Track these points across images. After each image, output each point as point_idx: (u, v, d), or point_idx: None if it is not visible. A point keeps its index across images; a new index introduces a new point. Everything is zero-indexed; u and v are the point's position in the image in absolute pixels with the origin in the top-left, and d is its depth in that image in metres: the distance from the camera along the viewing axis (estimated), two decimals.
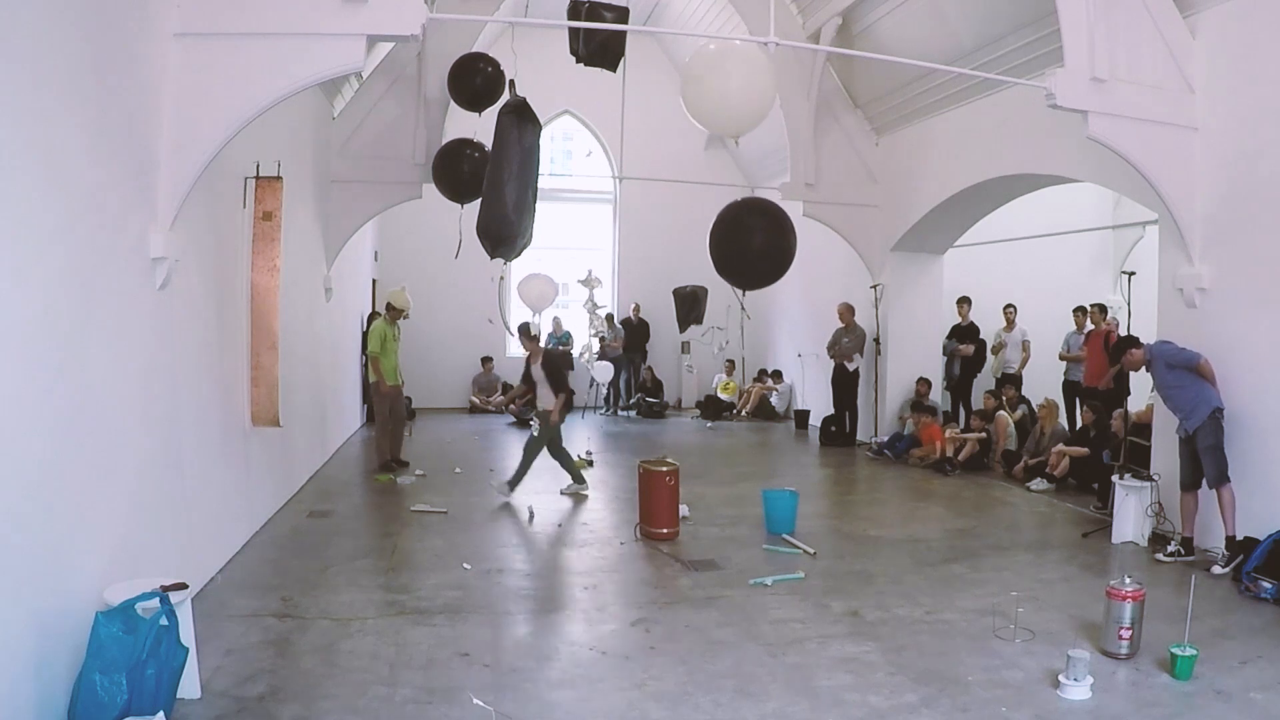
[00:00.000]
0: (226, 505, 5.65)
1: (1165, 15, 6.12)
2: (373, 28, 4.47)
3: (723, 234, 6.52)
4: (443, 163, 8.90)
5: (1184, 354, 5.93)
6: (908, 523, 7.16)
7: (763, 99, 5.63)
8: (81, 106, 3.56)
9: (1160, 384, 6.13)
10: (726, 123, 5.83)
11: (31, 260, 3.17)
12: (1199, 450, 5.82)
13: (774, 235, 6.41)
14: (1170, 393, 6.03)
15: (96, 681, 3.15)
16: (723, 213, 6.65)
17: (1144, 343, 6.25)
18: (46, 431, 3.27)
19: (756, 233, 6.39)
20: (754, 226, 6.42)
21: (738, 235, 6.43)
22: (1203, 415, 5.79)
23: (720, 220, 6.60)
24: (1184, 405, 5.92)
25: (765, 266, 6.47)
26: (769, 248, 6.41)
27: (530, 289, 13.13)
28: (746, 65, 5.59)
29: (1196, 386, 5.87)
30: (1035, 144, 7.80)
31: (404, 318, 9.21)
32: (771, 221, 6.46)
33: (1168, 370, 5.99)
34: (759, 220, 6.47)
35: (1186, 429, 5.91)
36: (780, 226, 6.46)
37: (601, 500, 7.93)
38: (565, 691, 3.87)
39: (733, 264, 6.53)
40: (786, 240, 6.44)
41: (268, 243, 5.98)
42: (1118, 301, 10.25)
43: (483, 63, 8.69)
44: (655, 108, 14.31)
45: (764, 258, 6.42)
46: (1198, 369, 5.87)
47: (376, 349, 8.80)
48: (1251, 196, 5.88)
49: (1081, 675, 3.83)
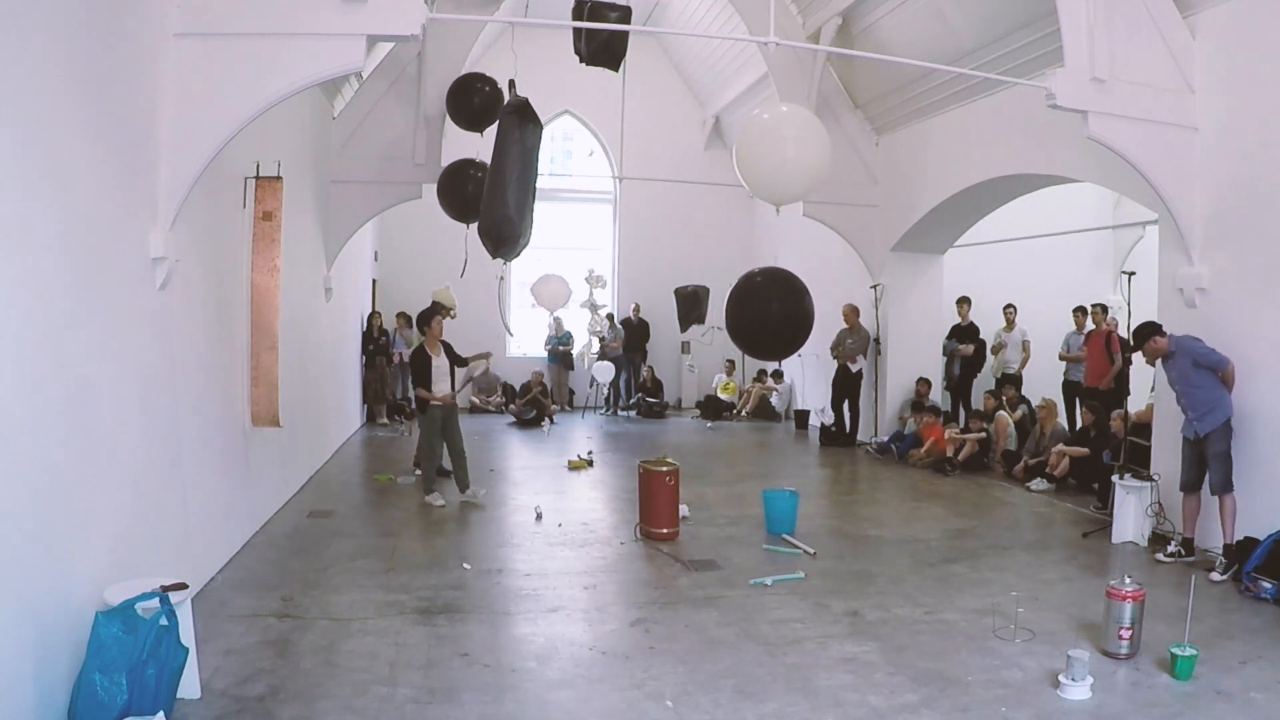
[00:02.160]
0: (226, 505, 5.65)
1: (1165, 15, 6.11)
2: (373, 28, 4.47)
3: (739, 304, 6.20)
4: (448, 182, 8.87)
5: (1213, 355, 5.76)
6: (908, 523, 7.15)
7: (817, 170, 5.79)
8: (81, 106, 3.56)
9: (1179, 379, 5.92)
10: (782, 193, 5.91)
11: (32, 260, 3.17)
12: (1209, 455, 5.73)
13: (791, 303, 6.07)
14: (1188, 390, 5.84)
15: (96, 681, 3.15)
16: (738, 283, 6.31)
17: (1168, 333, 6.01)
18: (46, 431, 3.27)
19: (773, 301, 6.06)
20: (770, 296, 6.09)
21: (755, 305, 6.10)
22: (1218, 420, 5.69)
23: (736, 291, 6.26)
24: (1199, 406, 5.78)
25: (787, 333, 6.12)
26: (788, 316, 6.08)
27: (544, 289, 13.16)
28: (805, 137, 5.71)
29: (1217, 390, 5.75)
30: (1035, 144, 7.79)
31: (450, 317, 8.87)
32: (787, 289, 6.11)
33: (1193, 368, 5.81)
34: (775, 290, 6.11)
35: (1197, 431, 5.80)
36: (796, 292, 6.11)
37: (601, 500, 7.92)
38: (565, 691, 3.87)
39: (752, 335, 6.22)
40: (804, 306, 6.10)
41: (268, 243, 5.98)
42: (1118, 301, 10.25)
43: (481, 83, 8.67)
44: (655, 108, 14.37)
45: (785, 324, 6.07)
46: (1224, 374, 5.75)
47: None
48: (1251, 196, 5.87)
49: (1081, 675, 3.83)
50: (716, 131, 15.31)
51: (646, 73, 13.11)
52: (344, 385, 10.81)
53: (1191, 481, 5.93)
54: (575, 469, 9.40)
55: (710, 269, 14.41)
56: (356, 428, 11.90)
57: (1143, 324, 5.99)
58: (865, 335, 11.09)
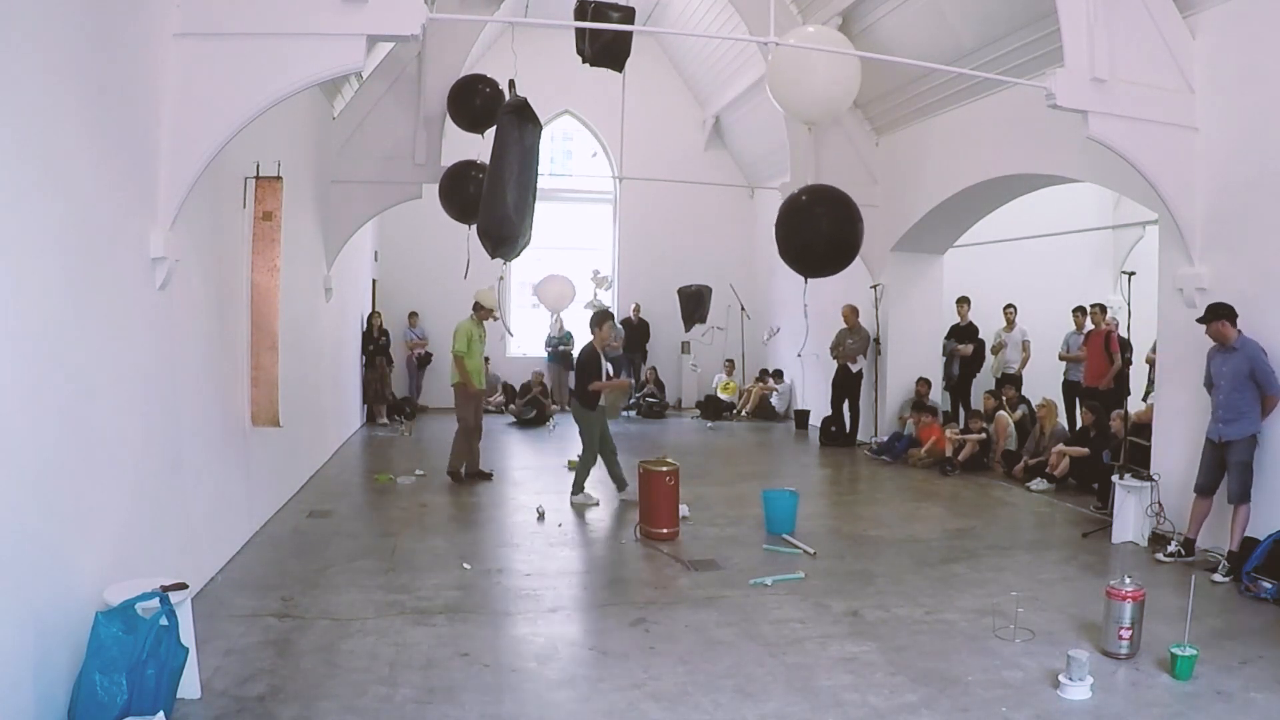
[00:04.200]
0: (226, 505, 5.65)
1: (1165, 15, 6.11)
2: (373, 28, 4.47)
3: (790, 226, 6.39)
4: (449, 184, 8.88)
5: (1273, 376, 5.59)
6: (908, 523, 7.15)
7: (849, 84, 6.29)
8: (81, 106, 3.56)
9: (1227, 375, 5.69)
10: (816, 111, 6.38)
11: (31, 260, 3.16)
12: (1230, 462, 5.68)
13: (842, 224, 6.27)
14: (1229, 391, 5.68)
15: (96, 681, 3.15)
16: (787, 203, 6.53)
17: (1240, 329, 5.74)
18: (46, 431, 3.27)
19: (823, 221, 6.25)
20: (821, 215, 6.27)
21: (805, 226, 6.29)
22: (1244, 431, 5.62)
23: (785, 210, 6.47)
24: (1231, 410, 5.66)
25: (836, 255, 6.33)
26: (836, 237, 6.26)
27: (549, 290, 13.16)
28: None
29: (1254, 405, 5.64)
30: (1035, 144, 7.79)
31: (493, 318, 8.69)
32: (838, 208, 6.33)
33: (1244, 375, 5.62)
34: (825, 209, 6.32)
35: (1221, 434, 5.71)
36: (848, 213, 6.33)
37: (602, 500, 7.92)
38: (565, 691, 3.87)
39: (802, 257, 6.38)
40: (855, 227, 6.29)
41: (268, 243, 5.97)
42: (1118, 301, 10.25)
43: (482, 84, 8.68)
44: (655, 108, 14.36)
45: (833, 247, 6.27)
46: (1269, 398, 5.60)
47: (463, 349, 8.33)
48: (1251, 196, 5.87)
49: (1081, 675, 3.83)
50: (716, 131, 15.31)
51: (646, 73, 13.10)
52: (344, 385, 10.81)
53: (1207, 485, 5.86)
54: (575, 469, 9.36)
55: (710, 269, 14.43)
56: (356, 428, 11.91)
57: (1220, 303, 5.75)
58: (865, 335, 11.09)
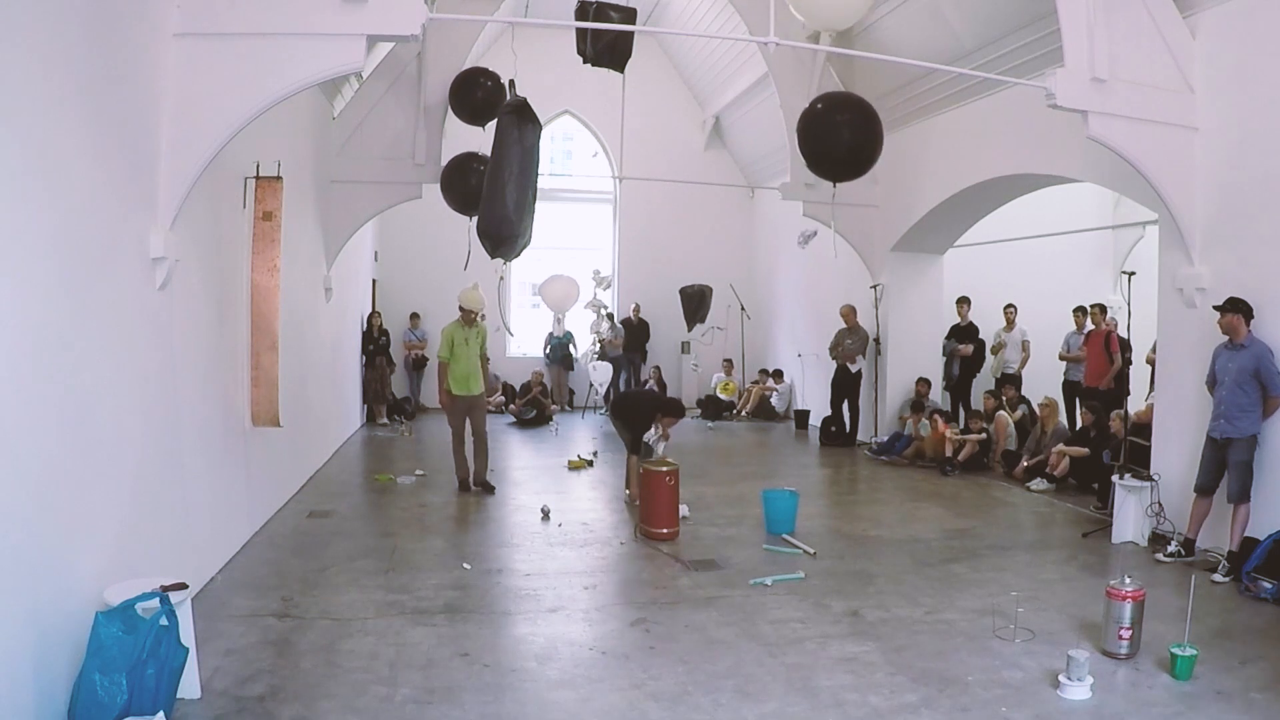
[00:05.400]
0: (226, 505, 5.65)
1: (1165, 15, 6.11)
2: (373, 28, 4.47)
3: (811, 133, 6.76)
4: (451, 175, 8.90)
5: (1276, 376, 5.58)
6: (908, 523, 7.15)
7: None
8: (81, 106, 3.55)
9: (1233, 372, 5.69)
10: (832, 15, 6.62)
11: (31, 260, 3.16)
12: (1230, 462, 5.68)
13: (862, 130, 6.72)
14: (1232, 388, 5.67)
15: (96, 681, 3.15)
16: (807, 111, 6.90)
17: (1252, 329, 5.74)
18: (46, 431, 3.27)
19: (844, 129, 6.71)
20: (841, 123, 6.73)
21: (827, 134, 6.71)
22: (1244, 431, 5.62)
23: (807, 116, 6.83)
24: (1232, 409, 5.66)
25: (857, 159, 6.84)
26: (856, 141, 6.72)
27: (553, 290, 13.15)
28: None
29: (1256, 404, 5.63)
30: (1035, 144, 7.79)
31: (482, 318, 8.33)
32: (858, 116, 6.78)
33: (1249, 373, 5.61)
34: (845, 116, 6.80)
35: (1222, 432, 5.71)
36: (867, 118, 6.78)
37: (601, 500, 7.92)
38: (565, 691, 3.87)
39: (824, 162, 6.84)
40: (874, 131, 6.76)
41: (268, 243, 5.98)
42: (1118, 301, 10.25)
43: (484, 77, 8.69)
44: (655, 108, 14.36)
45: (853, 152, 6.75)
46: (1271, 399, 5.60)
47: (446, 355, 7.94)
48: (1251, 197, 5.87)
49: (1081, 675, 3.83)
50: (716, 131, 15.31)
51: (646, 73, 13.09)
52: (344, 385, 10.81)
53: (1207, 484, 5.86)
54: (575, 469, 9.40)
55: (710, 269, 14.44)
56: (356, 428, 11.90)
57: (1240, 299, 5.73)
58: (864, 335, 11.09)
